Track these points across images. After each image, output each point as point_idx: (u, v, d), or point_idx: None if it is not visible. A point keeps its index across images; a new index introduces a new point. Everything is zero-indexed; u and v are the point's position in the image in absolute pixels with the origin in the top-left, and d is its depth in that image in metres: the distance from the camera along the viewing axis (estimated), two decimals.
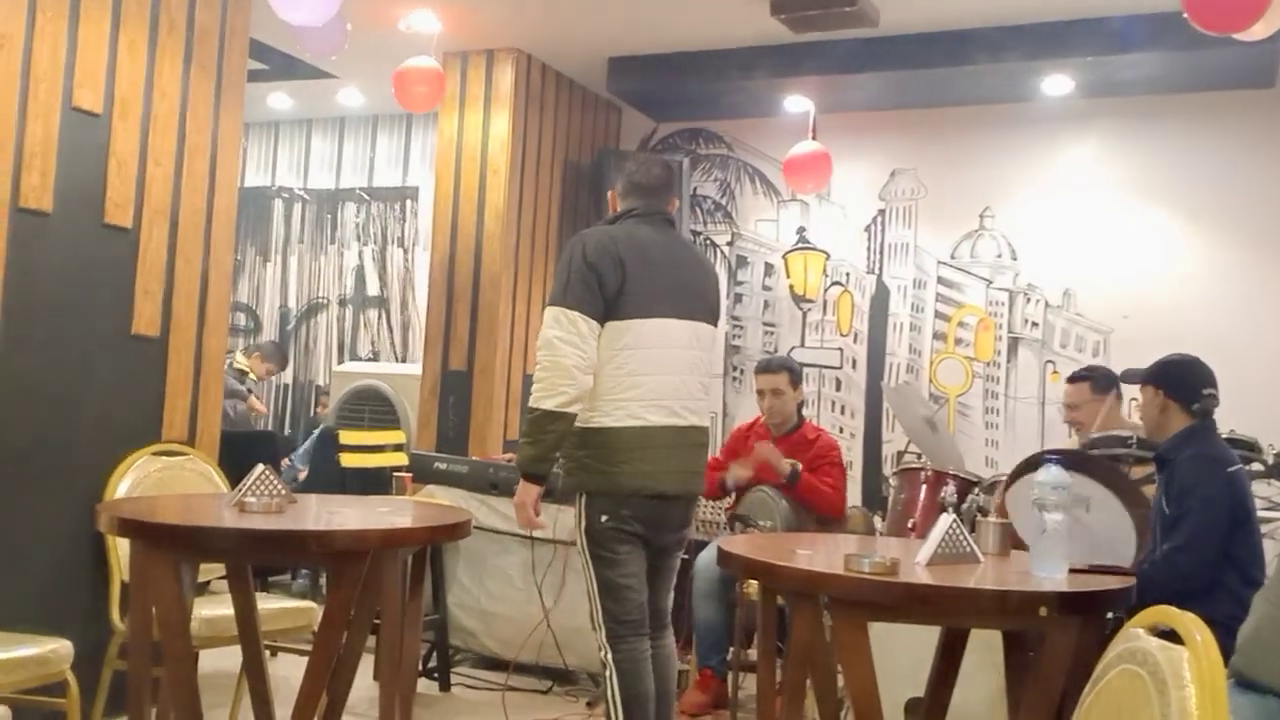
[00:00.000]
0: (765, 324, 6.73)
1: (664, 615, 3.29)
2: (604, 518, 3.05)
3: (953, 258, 6.33)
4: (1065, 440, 4.99)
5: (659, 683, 3.19)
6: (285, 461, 6.34)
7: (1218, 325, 5.57)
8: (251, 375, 7.16)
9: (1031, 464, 3.41)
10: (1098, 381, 4.49)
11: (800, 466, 4.52)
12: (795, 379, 4.69)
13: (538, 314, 6.43)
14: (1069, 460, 3.47)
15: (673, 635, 3.34)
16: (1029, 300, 6.14)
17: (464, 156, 6.22)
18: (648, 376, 3.05)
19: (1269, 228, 5.65)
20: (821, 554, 2.68)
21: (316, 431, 6.41)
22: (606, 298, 3.01)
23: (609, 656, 3.03)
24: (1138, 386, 3.50)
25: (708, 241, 6.84)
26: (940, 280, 6.35)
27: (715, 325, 3.34)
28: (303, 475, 6.17)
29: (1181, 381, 3.22)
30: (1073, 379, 4.61)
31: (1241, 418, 4.30)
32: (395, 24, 5.59)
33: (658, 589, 3.25)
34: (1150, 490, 3.40)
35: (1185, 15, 3.53)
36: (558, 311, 3.00)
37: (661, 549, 3.20)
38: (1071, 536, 2.53)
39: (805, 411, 4.90)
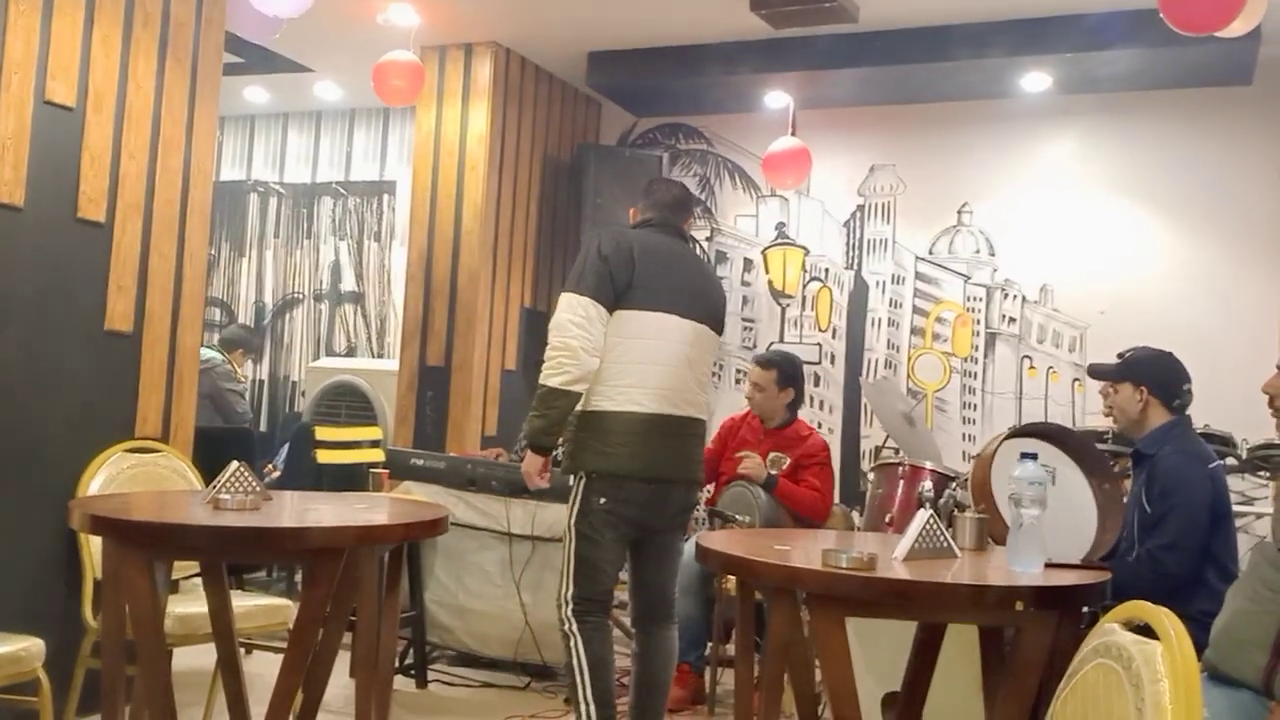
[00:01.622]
0: (744, 319, 6.73)
1: (670, 604, 3.40)
2: (602, 499, 3.19)
3: (931, 253, 6.35)
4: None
5: (657, 673, 3.33)
6: (268, 466, 6.27)
7: (1194, 320, 5.60)
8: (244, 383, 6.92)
9: (1014, 434, 3.43)
10: None
11: (779, 471, 4.48)
12: (784, 379, 4.61)
13: (517, 309, 6.42)
14: (1043, 431, 3.49)
15: (676, 629, 3.42)
16: (1006, 296, 6.16)
17: (442, 151, 6.20)
18: (648, 365, 3.22)
19: (1245, 224, 5.68)
20: (799, 550, 2.67)
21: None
22: (617, 289, 3.19)
23: (574, 627, 3.16)
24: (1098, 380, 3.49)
25: None
26: (919, 276, 6.37)
27: (718, 333, 3.49)
28: (277, 474, 6.12)
29: (1165, 379, 3.22)
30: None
31: (1216, 412, 4.33)
32: (373, 17, 5.55)
33: (663, 571, 3.38)
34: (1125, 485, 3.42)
35: (1161, 16, 3.54)
36: (571, 297, 3.17)
37: (660, 530, 3.31)
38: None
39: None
